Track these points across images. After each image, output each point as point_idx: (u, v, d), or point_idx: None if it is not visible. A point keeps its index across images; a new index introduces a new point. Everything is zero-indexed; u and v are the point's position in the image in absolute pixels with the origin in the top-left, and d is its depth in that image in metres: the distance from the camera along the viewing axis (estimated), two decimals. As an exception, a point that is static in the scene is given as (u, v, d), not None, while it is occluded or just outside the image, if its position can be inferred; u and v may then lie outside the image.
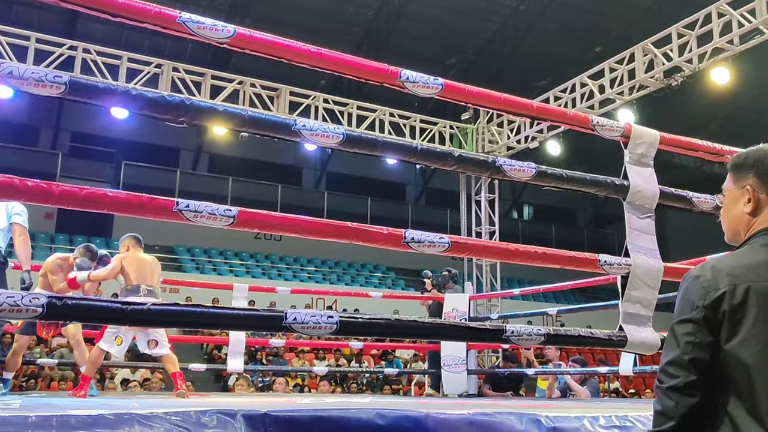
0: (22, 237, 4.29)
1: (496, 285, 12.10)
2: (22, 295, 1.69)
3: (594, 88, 10.39)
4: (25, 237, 4.33)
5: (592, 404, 4.23)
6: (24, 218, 4.33)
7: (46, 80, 1.83)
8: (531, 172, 2.51)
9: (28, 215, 4.63)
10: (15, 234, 4.27)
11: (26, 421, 1.49)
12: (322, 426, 1.80)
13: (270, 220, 2.16)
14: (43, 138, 19.40)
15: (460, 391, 7.01)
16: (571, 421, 2.02)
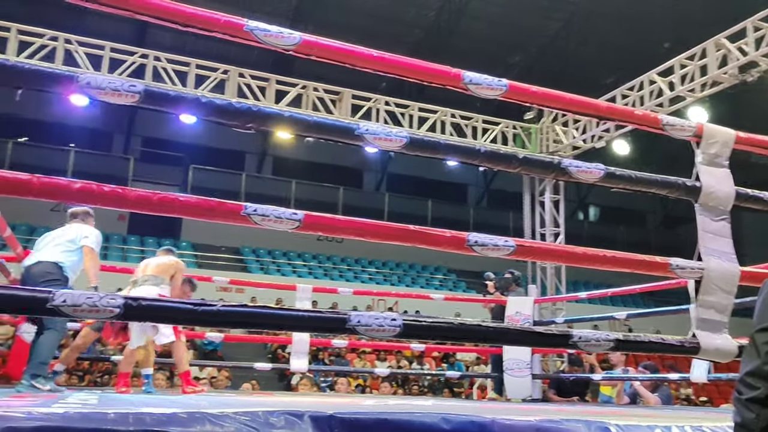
0: (90, 255, 4.65)
1: (561, 288, 11.87)
2: (100, 295, 1.75)
3: (663, 85, 10.06)
4: (94, 256, 4.67)
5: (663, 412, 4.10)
6: (92, 240, 4.70)
7: (122, 89, 1.90)
8: (599, 173, 2.45)
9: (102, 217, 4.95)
10: (85, 255, 4.62)
11: (105, 418, 1.54)
12: (387, 429, 1.81)
13: (334, 223, 2.18)
14: (116, 143, 20.17)
15: (523, 395, 6.91)
16: (643, 430, 1.96)
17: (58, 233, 4.74)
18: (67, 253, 4.57)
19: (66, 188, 1.83)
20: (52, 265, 4.47)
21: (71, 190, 1.82)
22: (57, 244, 4.60)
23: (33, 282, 4.33)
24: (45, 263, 4.49)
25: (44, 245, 4.65)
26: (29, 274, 4.47)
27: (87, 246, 4.64)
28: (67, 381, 9.30)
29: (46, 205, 16.79)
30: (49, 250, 4.56)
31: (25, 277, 4.49)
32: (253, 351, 12.10)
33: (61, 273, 4.48)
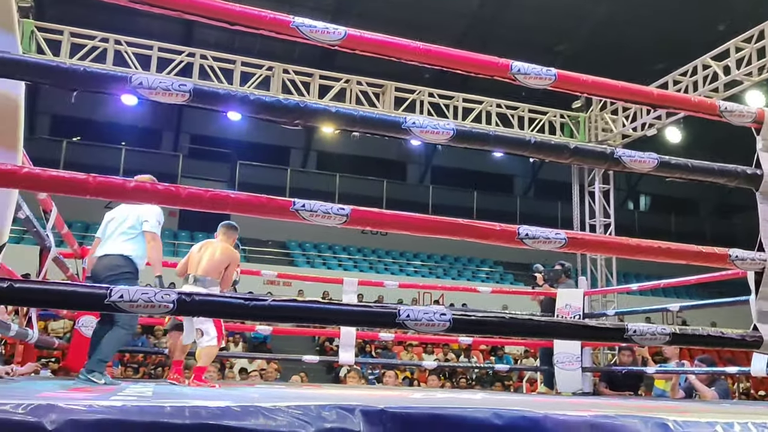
0: (153, 243, 4.56)
1: (612, 280, 11.67)
2: (156, 291, 1.79)
3: (718, 69, 9.75)
4: (156, 243, 4.59)
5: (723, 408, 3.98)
6: (152, 223, 4.59)
7: (172, 89, 1.94)
8: (653, 162, 2.39)
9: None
10: (147, 242, 4.55)
11: (162, 411, 1.57)
12: (438, 424, 1.80)
13: (381, 217, 2.18)
14: (165, 141, 20.60)
15: (574, 389, 6.81)
16: (702, 427, 1.90)
17: (118, 215, 4.63)
18: (131, 242, 4.51)
19: (121, 187, 1.88)
20: (120, 257, 4.43)
21: (126, 188, 1.87)
22: (121, 232, 4.52)
23: (102, 274, 4.35)
24: (113, 256, 4.44)
25: (109, 234, 4.58)
26: (98, 267, 4.46)
27: (148, 232, 4.55)
28: (122, 373, 9.57)
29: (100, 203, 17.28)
30: (114, 241, 4.50)
31: (96, 269, 4.48)
32: (302, 343, 12.24)
33: (131, 264, 4.46)
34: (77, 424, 1.48)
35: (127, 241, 4.49)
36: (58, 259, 5.24)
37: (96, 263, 4.50)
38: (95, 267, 4.49)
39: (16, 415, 1.45)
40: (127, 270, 4.41)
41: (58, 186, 1.85)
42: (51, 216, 4.70)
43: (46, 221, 4.72)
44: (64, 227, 5.33)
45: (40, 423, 1.45)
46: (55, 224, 4.86)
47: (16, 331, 3.88)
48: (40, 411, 1.47)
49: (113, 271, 4.35)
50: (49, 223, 4.73)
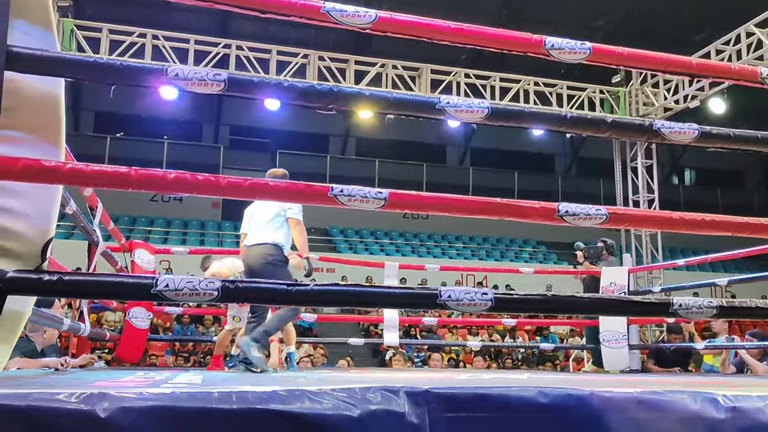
0: (298, 228, 4.74)
1: (658, 256, 11.46)
2: (200, 279, 1.83)
3: (762, 37, 9.43)
4: (302, 228, 4.77)
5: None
6: (295, 210, 4.75)
7: (207, 79, 1.96)
8: (693, 133, 2.32)
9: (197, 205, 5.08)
10: (293, 228, 4.72)
11: (210, 396, 1.60)
12: (483, 403, 1.79)
13: (419, 200, 2.17)
14: (206, 133, 20.90)
15: (621, 366, 6.73)
16: (754, 401, 1.86)
17: (259, 208, 4.78)
18: (279, 230, 4.67)
19: (162, 179, 1.91)
20: (272, 246, 4.61)
21: (167, 180, 1.90)
22: (268, 221, 4.67)
23: (256, 262, 4.54)
24: (266, 245, 4.61)
25: (256, 224, 4.73)
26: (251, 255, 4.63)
27: (293, 218, 4.70)
28: (174, 362, 9.81)
29: (146, 197, 17.67)
30: (264, 230, 4.67)
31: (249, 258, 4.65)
32: (347, 330, 12.34)
33: (281, 252, 4.64)
34: (128, 411, 1.52)
35: (276, 230, 4.66)
36: (107, 253, 5.37)
37: (248, 253, 4.68)
38: (248, 257, 4.67)
39: (69, 404, 1.49)
40: (278, 258, 4.61)
41: (101, 180, 1.89)
42: (97, 212, 4.83)
43: (93, 217, 4.84)
44: (111, 223, 5.47)
45: (93, 411, 1.49)
46: (102, 220, 4.99)
47: (68, 325, 4.00)
48: (93, 399, 1.51)
49: (266, 260, 4.55)
50: (96, 218, 4.86)
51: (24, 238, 1.90)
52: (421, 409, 1.72)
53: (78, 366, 4.62)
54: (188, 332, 10.65)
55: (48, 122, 1.97)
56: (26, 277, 1.79)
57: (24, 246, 1.90)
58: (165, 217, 18.25)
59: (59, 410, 1.48)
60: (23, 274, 1.80)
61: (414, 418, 1.70)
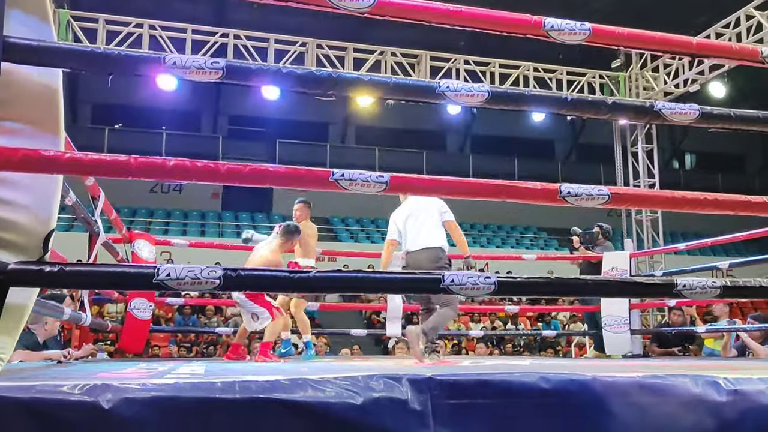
0: (458, 231, 4.92)
1: (659, 240, 11.46)
2: (201, 268, 1.82)
3: (762, 19, 9.40)
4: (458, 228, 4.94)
5: (775, 364, 3.90)
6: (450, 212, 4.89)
7: (205, 67, 1.94)
8: (694, 114, 2.31)
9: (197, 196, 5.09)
10: (452, 230, 4.87)
11: (213, 386, 1.60)
12: (486, 389, 1.79)
13: (421, 183, 2.17)
14: (204, 123, 20.83)
15: (623, 351, 6.75)
16: (755, 384, 1.86)
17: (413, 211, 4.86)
18: (441, 233, 4.79)
19: (162, 166, 1.90)
20: (439, 249, 4.71)
21: (167, 167, 1.89)
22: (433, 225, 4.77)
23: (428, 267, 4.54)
24: (434, 249, 4.70)
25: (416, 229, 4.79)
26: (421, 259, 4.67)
27: (451, 222, 4.85)
28: (177, 353, 9.84)
29: (145, 188, 17.65)
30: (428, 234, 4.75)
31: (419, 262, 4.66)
32: (349, 318, 12.36)
33: (445, 254, 4.74)
34: (132, 402, 1.52)
35: (439, 234, 4.77)
36: (108, 244, 5.37)
37: (416, 257, 4.72)
38: (416, 261, 4.70)
39: (73, 396, 1.49)
40: (446, 260, 4.71)
41: (101, 169, 1.89)
42: (99, 202, 4.81)
43: (95, 207, 4.82)
44: (113, 212, 5.45)
45: (97, 402, 1.49)
46: (104, 210, 4.97)
47: (69, 315, 4.00)
48: (96, 391, 1.51)
49: (437, 263, 4.62)
50: (97, 209, 4.84)
51: (25, 230, 1.89)
52: (423, 396, 1.72)
53: (80, 357, 4.62)
54: (190, 323, 10.67)
55: (46, 113, 1.96)
56: (27, 268, 1.79)
57: (25, 238, 1.90)
58: (165, 208, 18.24)
59: (63, 402, 1.48)
60: (25, 266, 1.80)
61: (417, 405, 1.70)
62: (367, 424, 1.65)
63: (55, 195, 2.03)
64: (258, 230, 19.73)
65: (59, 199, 2.08)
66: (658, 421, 1.80)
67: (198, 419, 1.55)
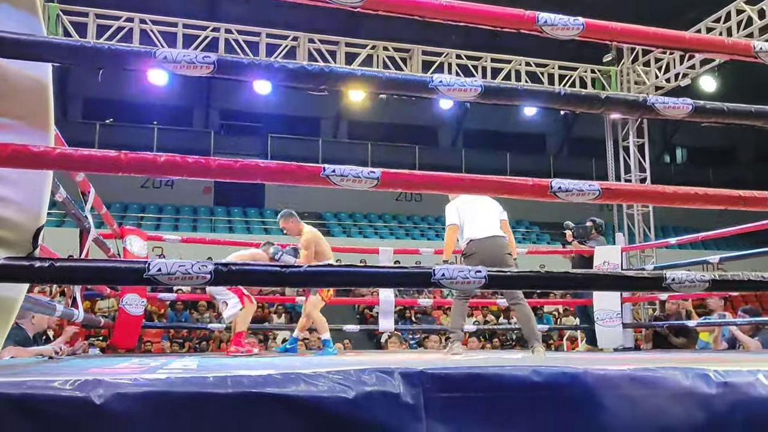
0: (510, 231, 5.09)
1: (650, 234, 11.51)
2: (192, 263, 1.82)
3: (753, 13, 9.43)
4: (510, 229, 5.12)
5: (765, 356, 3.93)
6: (505, 213, 5.05)
7: (196, 61, 1.93)
8: (687, 108, 2.32)
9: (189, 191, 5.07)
10: (507, 230, 5.02)
11: (205, 381, 1.60)
12: (478, 383, 1.80)
13: (412, 178, 2.17)
14: (196, 118, 20.76)
15: (615, 345, 6.78)
16: (744, 376, 1.87)
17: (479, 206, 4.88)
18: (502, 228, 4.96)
19: (152, 162, 1.89)
20: (505, 239, 4.91)
21: (157, 163, 1.88)
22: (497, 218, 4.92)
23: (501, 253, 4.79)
24: (504, 238, 4.90)
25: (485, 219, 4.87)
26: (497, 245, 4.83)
27: (506, 221, 5.01)
28: (170, 348, 9.82)
29: (136, 184, 17.58)
30: (497, 225, 4.90)
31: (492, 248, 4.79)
32: (342, 312, 12.36)
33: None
34: (124, 397, 1.52)
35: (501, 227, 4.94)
36: (99, 240, 5.34)
37: (489, 243, 4.81)
38: (492, 247, 4.81)
39: (64, 391, 1.49)
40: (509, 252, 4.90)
41: (91, 164, 1.88)
42: (89, 197, 4.78)
43: (85, 203, 4.80)
44: (103, 208, 5.42)
45: (89, 398, 1.49)
46: (94, 205, 4.94)
47: (61, 311, 3.99)
48: (88, 386, 1.51)
49: (507, 250, 4.87)
50: (87, 204, 4.81)
51: (15, 226, 1.88)
52: (416, 390, 1.73)
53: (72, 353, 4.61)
54: (182, 318, 10.65)
55: (35, 108, 1.94)
56: (17, 264, 1.78)
57: (15, 233, 1.89)
58: (157, 203, 18.18)
59: (54, 397, 1.48)
60: (14, 261, 1.79)
61: (409, 399, 1.71)
62: (359, 418, 1.65)
63: (45, 190, 2.02)
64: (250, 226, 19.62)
65: (49, 194, 2.07)
66: (649, 414, 1.82)
67: (190, 414, 1.55)
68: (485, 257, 4.68)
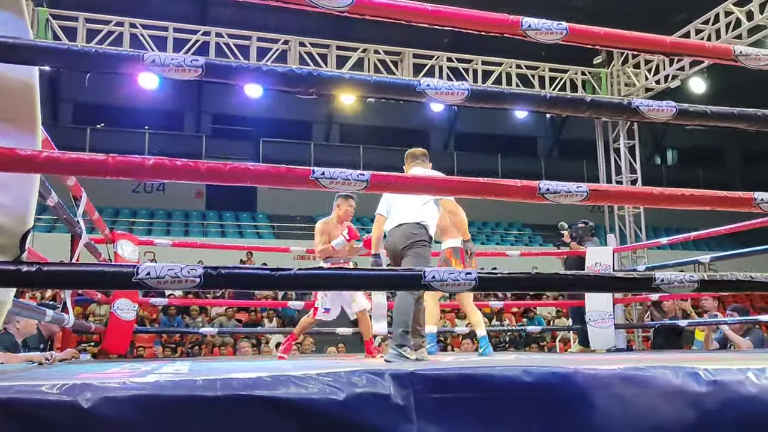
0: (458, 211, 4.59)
1: (641, 235, 11.55)
2: (181, 266, 1.81)
3: (741, 15, 9.49)
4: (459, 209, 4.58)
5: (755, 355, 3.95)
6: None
7: (185, 65, 1.93)
8: (671, 111, 2.34)
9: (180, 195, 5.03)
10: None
11: (194, 384, 1.60)
12: (468, 384, 1.80)
13: (402, 181, 2.17)
14: (187, 122, 20.71)
15: (608, 345, 6.81)
16: (734, 374, 1.89)
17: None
18: (428, 211, 4.35)
19: (141, 165, 1.89)
20: (415, 225, 4.27)
21: (146, 166, 1.88)
22: (422, 202, 4.32)
23: (398, 244, 4.24)
24: (408, 224, 4.26)
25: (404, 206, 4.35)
26: (391, 239, 4.34)
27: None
28: (162, 353, 9.78)
29: (128, 188, 17.51)
30: (412, 210, 4.32)
31: (388, 241, 4.37)
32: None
33: (425, 232, 4.29)
34: (112, 401, 1.51)
35: (423, 211, 4.32)
36: (90, 245, 5.32)
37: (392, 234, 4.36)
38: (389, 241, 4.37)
39: (51, 395, 1.48)
40: (421, 239, 4.25)
41: (79, 168, 1.87)
42: (81, 202, 4.76)
43: (77, 208, 4.78)
44: (95, 213, 5.40)
45: (76, 401, 1.48)
46: (86, 210, 4.92)
47: (51, 316, 3.97)
48: (76, 390, 1.50)
49: (409, 239, 4.22)
50: (79, 209, 4.79)
51: (2, 230, 1.88)
52: (406, 391, 1.73)
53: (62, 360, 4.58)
54: (175, 323, 10.61)
55: (22, 110, 1.94)
56: (4, 268, 1.77)
57: (2, 237, 1.88)
58: (148, 207, 18.11)
59: (41, 402, 1.47)
60: (1, 266, 1.78)
61: (399, 400, 1.71)
62: (349, 420, 1.65)
63: (32, 194, 2.01)
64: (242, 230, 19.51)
65: (36, 198, 2.06)
66: (639, 412, 1.82)
67: (180, 417, 1.55)
68: (388, 249, 4.36)
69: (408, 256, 4.15)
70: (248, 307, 11.22)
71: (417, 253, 4.15)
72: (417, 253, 4.15)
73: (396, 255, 4.27)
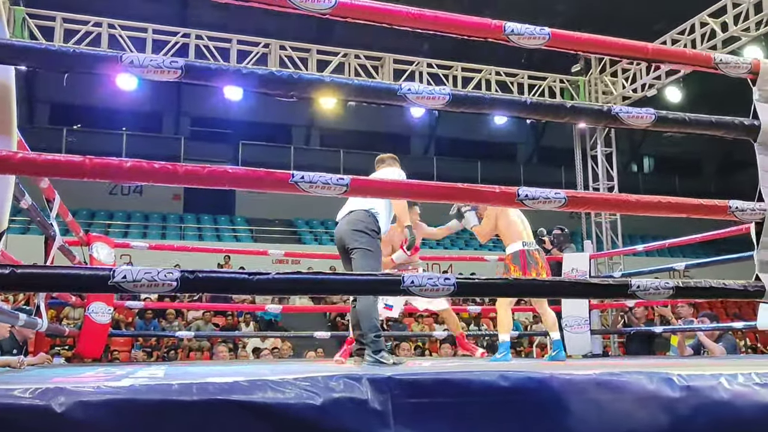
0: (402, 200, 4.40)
1: (618, 242, 11.67)
2: (158, 270, 1.80)
3: (716, 26, 9.66)
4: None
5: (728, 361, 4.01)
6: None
7: (163, 66, 1.92)
8: (650, 118, 2.37)
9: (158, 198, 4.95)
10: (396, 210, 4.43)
11: (170, 389, 1.59)
12: (446, 388, 1.81)
13: (381, 186, 2.18)
14: (165, 124, 20.55)
15: (584, 351, 6.86)
16: (707, 379, 1.91)
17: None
18: (375, 199, 4.15)
19: (118, 167, 1.87)
20: (364, 213, 4.10)
21: (123, 168, 1.86)
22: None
23: (344, 237, 4.10)
24: (356, 212, 4.13)
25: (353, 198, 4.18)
26: (339, 226, 4.20)
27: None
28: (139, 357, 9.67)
29: (104, 190, 17.33)
30: (356, 202, 4.18)
31: (339, 230, 4.21)
32: (314, 321, 12.31)
33: (374, 221, 4.12)
34: (86, 405, 1.49)
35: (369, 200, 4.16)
36: (64, 248, 5.25)
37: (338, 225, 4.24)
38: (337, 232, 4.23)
39: (24, 400, 1.46)
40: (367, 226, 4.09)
41: (54, 170, 1.85)
42: (54, 204, 4.70)
43: (50, 210, 4.72)
44: (69, 215, 5.33)
45: (49, 406, 1.46)
46: (60, 212, 4.86)
47: (24, 321, 3.91)
48: (49, 394, 1.48)
49: (354, 227, 4.09)
50: (53, 211, 4.73)
51: (-26, 231, 1.85)
52: (384, 396, 1.73)
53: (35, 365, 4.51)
54: (151, 327, 10.49)
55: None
56: (-23, 270, 1.74)
57: (-25, 239, 1.85)
58: (125, 210, 17.93)
59: (13, 406, 1.45)
60: (-26, 268, 1.75)
61: (377, 405, 1.71)
62: (327, 425, 1.64)
63: (7, 196, 1.99)
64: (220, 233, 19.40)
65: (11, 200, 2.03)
66: (614, 417, 1.84)
67: (155, 421, 1.53)
68: (336, 239, 4.25)
69: (355, 256, 4.02)
70: (225, 310, 11.15)
71: (365, 251, 4.01)
72: (365, 251, 4.01)
73: (343, 248, 4.14)
